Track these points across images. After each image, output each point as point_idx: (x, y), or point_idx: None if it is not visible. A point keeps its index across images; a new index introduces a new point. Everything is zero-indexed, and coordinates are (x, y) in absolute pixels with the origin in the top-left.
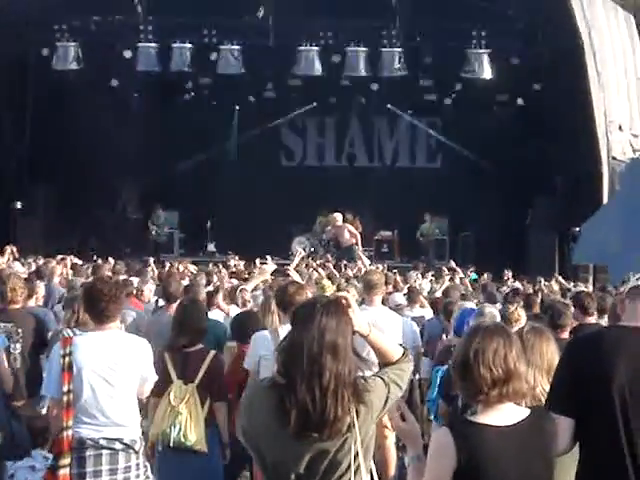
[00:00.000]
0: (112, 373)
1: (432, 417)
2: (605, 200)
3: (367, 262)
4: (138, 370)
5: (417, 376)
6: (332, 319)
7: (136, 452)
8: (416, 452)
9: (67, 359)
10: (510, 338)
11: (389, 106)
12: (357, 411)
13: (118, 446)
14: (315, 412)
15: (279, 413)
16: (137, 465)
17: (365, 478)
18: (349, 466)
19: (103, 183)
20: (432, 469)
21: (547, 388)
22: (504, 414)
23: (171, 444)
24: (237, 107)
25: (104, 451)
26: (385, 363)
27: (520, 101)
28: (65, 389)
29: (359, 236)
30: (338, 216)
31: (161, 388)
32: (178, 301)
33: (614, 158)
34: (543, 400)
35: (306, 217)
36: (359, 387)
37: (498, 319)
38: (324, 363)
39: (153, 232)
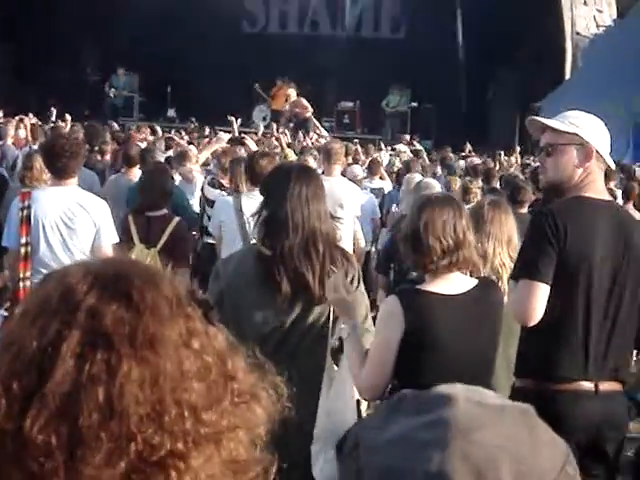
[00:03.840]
0: (70, 225)
1: None
2: (568, 75)
3: (325, 133)
4: (95, 225)
5: (375, 247)
6: (309, 186)
7: None
8: (352, 322)
9: (25, 212)
10: (459, 208)
11: None
12: (346, 271)
13: None
14: (314, 278)
15: (267, 282)
16: None
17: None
18: (327, 326)
19: (63, 42)
20: (380, 332)
21: (506, 259)
22: (452, 283)
23: None
24: None
25: None
26: None
27: None
28: (23, 241)
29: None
30: (292, 92)
31: (123, 251)
32: (137, 165)
33: (578, 33)
34: (501, 270)
35: (268, 85)
36: (343, 249)
37: (436, 189)
38: (315, 230)
39: (111, 94)
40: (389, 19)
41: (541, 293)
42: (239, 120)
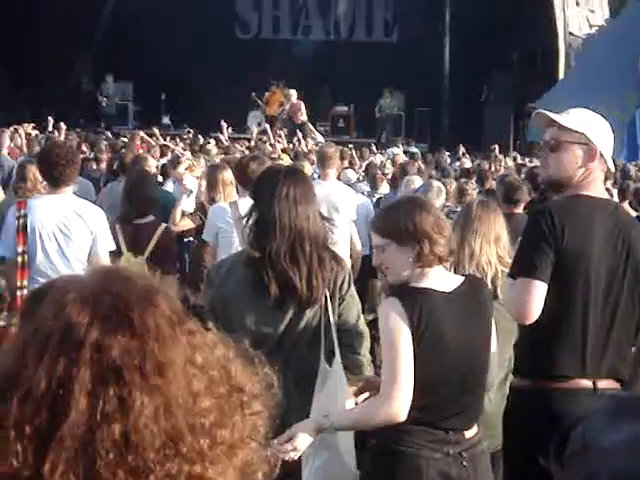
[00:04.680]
0: (66, 233)
1: None
2: (561, 76)
3: (320, 138)
4: (92, 233)
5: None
6: (298, 188)
7: None
8: (321, 423)
9: (22, 220)
10: (421, 203)
11: None
12: (336, 274)
13: None
14: (301, 281)
15: (257, 286)
16: None
17: (335, 343)
18: (320, 330)
19: (55, 54)
20: (392, 343)
21: (493, 257)
22: (442, 281)
23: None
24: None
25: None
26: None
27: None
28: (20, 250)
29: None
30: (293, 92)
31: (112, 260)
32: None
33: (571, 33)
34: (486, 268)
35: (261, 91)
36: (334, 251)
37: (444, 193)
38: (303, 232)
39: (103, 103)
40: (381, 23)
41: (539, 291)
42: (230, 127)
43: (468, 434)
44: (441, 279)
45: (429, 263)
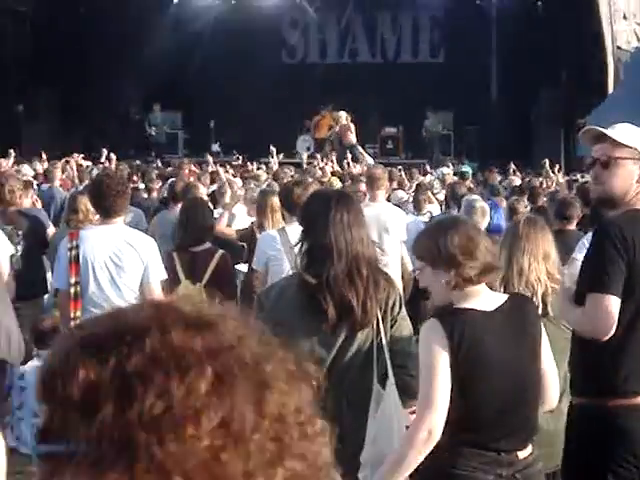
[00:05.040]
0: (118, 263)
1: None
2: (610, 90)
3: (370, 160)
4: (143, 263)
5: None
6: (350, 212)
7: None
8: None
9: (74, 252)
10: (465, 224)
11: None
12: (387, 295)
13: None
14: (358, 304)
15: (312, 310)
16: None
17: (388, 364)
18: (372, 352)
19: (105, 84)
20: (429, 365)
21: (542, 275)
22: (484, 300)
23: None
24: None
25: None
26: None
27: None
28: (72, 281)
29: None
30: (342, 114)
31: (170, 288)
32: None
33: (619, 47)
34: (536, 285)
35: (310, 115)
36: (386, 273)
37: (488, 213)
38: (358, 255)
39: (152, 132)
40: (427, 44)
41: (614, 306)
42: (280, 152)
43: (521, 454)
44: (483, 298)
45: (460, 285)
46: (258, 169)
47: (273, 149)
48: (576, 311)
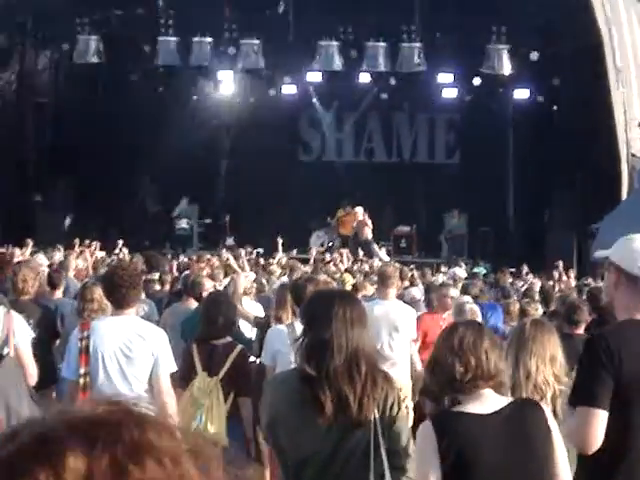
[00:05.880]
0: (128, 355)
1: None
2: (624, 197)
3: (385, 257)
4: (153, 355)
5: None
6: (353, 310)
7: None
8: None
9: (84, 342)
10: (481, 330)
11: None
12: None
13: None
14: (355, 400)
15: (311, 404)
16: None
17: (385, 465)
18: (369, 452)
19: (122, 176)
20: (418, 467)
21: (550, 377)
22: (485, 403)
23: None
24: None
25: None
26: None
27: (539, 97)
28: (82, 371)
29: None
30: (359, 210)
31: (187, 380)
32: (203, 294)
33: (633, 155)
34: (545, 388)
35: (324, 211)
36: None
37: (478, 314)
38: (358, 352)
39: (184, 225)
40: (443, 145)
41: (599, 420)
42: (295, 247)
43: None
44: (483, 402)
45: (441, 394)
46: (269, 264)
47: (279, 240)
48: (566, 423)
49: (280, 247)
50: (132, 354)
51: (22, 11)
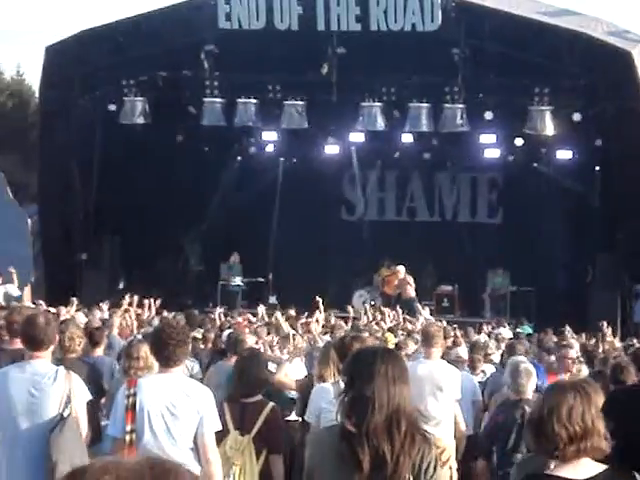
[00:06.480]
0: (174, 413)
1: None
2: None
3: (429, 316)
4: (198, 413)
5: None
6: (395, 368)
7: None
8: None
9: (131, 399)
10: (588, 395)
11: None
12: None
13: None
14: (392, 458)
15: (349, 460)
16: None
17: None
18: None
19: (166, 235)
20: None
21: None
22: (579, 469)
23: None
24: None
25: None
26: None
27: (582, 158)
28: (128, 429)
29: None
30: (401, 269)
31: (219, 438)
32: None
33: None
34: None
35: (367, 270)
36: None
37: (534, 375)
38: (399, 410)
39: (236, 282)
40: (485, 205)
41: None
42: (336, 307)
43: None
44: (579, 467)
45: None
46: (308, 323)
47: (318, 299)
48: None
49: (321, 306)
50: (178, 412)
51: (70, 70)
